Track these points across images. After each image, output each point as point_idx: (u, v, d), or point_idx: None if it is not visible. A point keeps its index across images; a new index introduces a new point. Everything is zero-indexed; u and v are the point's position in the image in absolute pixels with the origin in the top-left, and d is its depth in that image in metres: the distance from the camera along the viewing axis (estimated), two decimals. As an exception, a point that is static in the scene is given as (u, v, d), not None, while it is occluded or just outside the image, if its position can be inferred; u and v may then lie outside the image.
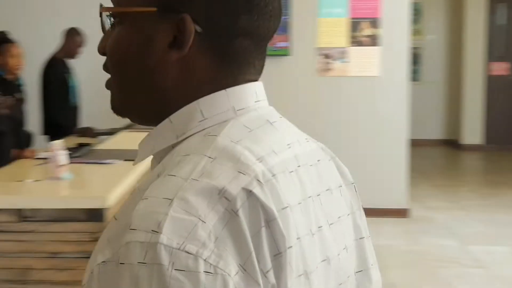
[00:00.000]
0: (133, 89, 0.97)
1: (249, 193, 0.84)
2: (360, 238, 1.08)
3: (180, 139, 0.94)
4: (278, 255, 0.84)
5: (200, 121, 0.93)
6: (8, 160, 4.67)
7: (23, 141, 5.28)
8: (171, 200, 0.81)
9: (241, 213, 0.82)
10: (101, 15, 0.98)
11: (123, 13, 0.95)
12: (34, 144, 5.44)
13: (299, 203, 0.92)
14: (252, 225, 0.83)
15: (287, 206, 0.88)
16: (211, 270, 0.78)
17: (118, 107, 1.00)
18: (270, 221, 0.84)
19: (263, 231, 0.83)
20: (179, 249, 0.78)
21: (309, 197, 0.95)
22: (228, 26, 0.93)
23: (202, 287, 0.77)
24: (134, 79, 0.96)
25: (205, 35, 0.93)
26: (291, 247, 0.86)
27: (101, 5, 1.00)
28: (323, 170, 1.03)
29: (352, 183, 1.10)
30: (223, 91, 0.94)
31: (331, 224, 1.00)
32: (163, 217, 0.80)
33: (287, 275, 0.84)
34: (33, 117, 5.84)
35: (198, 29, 0.92)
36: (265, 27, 0.96)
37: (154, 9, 0.93)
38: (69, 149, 3.99)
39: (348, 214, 1.06)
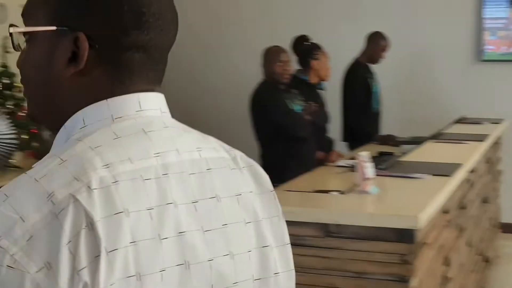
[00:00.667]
0: (38, 99, 1.09)
1: (74, 198, 0.92)
2: (263, 247, 1.10)
3: (67, 143, 1.03)
4: (98, 256, 0.90)
5: (81, 127, 1.03)
6: (311, 166, 4.57)
7: (325, 147, 5.17)
8: (7, 197, 0.93)
9: (61, 217, 0.90)
10: (11, 34, 1.08)
11: (29, 32, 1.07)
12: (335, 150, 5.29)
13: (149, 209, 0.96)
14: (72, 228, 0.90)
15: (122, 212, 0.94)
16: (13, 265, 0.88)
17: (32, 115, 1.12)
18: (91, 225, 0.91)
19: (83, 233, 0.90)
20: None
21: (169, 203, 0.99)
22: (119, 42, 1.02)
23: (1, 278, 0.88)
24: (38, 91, 1.08)
25: (99, 51, 1.03)
26: (116, 249, 0.92)
27: (10, 25, 1.09)
28: (212, 179, 1.06)
29: (271, 191, 1.14)
30: (104, 101, 1.03)
31: (207, 230, 1.03)
32: None
33: (103, 275, 0.90)
34: (334, 122, 5.71)
35: (94, 45, 1.02)
36: (157, 40, 1.05)
37: (54, 28, 1.04)
38: (373, 158, 3.74)
39: (248, 222, 1.09)
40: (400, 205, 3.49)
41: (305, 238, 3.17)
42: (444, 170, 4.03)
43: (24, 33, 1.08)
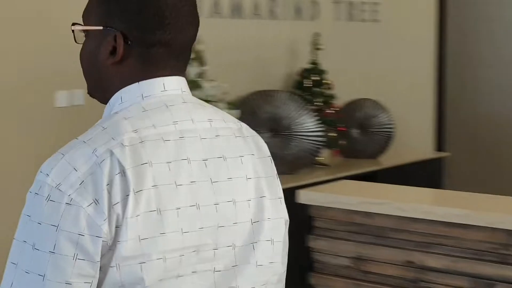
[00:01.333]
0: (91, 81, 1.44)
1: (111, 152, 1.25)
2: (261, 197, 1.41)
3: (109, 115, 1.37)
4: (127, 195, 1.23)
5: (119, 104, 1.37)
6: None
7: None
8: (63, 155, 1.27)
9: (102, 165, 1.24)
10: (73, 31, 1.43)
11: (85, 30, 1.41)
12: None
13: (168, 162, 1.29)
14: (109, 174, 1.24)
15: (147, 163, 1.26)
16: (70, 202, 1.22)
17: (89, 92, 1.47)
18: (123, 172, 1.24)
19: (117, 178, 1.24)
20: (55, 187, 1.24)
21: (184, 159, 1.31)
22: (146, 39, 1.35)
23: (61, 213, 1.22)
24: (90, 74, 1.43)
25: (132, 46, 1.36)
26: (141, 190, 1.25)
27: (72, 24, 1.43)
28: (220, 143, 1.38)
29: (269, 156, 1.47)
30: (136, 84, 1.37)
31: (214, 182, 1.35)
32: (54, 165, 1.27)
33: (131, 208, 1.23)
34: None
35: (127, 42, 1.35)
36: (177, 38, 1.36)
37: (101, 28, 1.38)
38: None
39: (249, 178, 1.40)
40: None
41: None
42: None
43: (83, 31, 1.42)
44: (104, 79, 1.41)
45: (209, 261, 1.35)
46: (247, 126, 1.49)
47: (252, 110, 4.85)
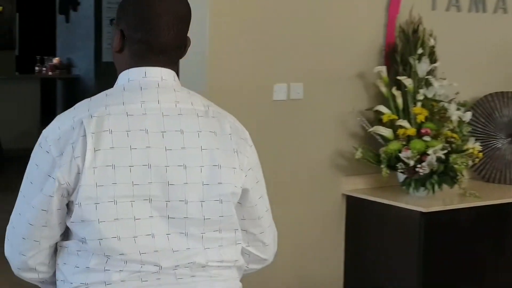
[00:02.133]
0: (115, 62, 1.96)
1: (81, 122, 1.74)
2: (213, 165, 1.79)
3: None
4: (85, 151, 1.70)
5: (116, 84, 1.87)
6: None
7: None
8: (58, 117, 1.82)
9: (73, 129, 1.74)
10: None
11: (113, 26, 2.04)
12: None
13: (127, 131, 1.74)
14: (76, 135, 1.73)
15: (107, 130, 1.73)
16: (48, 150, 1.74)
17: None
18: (85, 135, 1.72)
19: (80, 139, 1.72)
20: (45, 138, 1.77)
21: (142, 130, 1.75)
22: (133, 37, 1.83)
23: (40, 156, 1.76)
24: (114, 59, 1.94)
25: (126, 41, 1.85)
26: (99, 149, 1.72)
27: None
28: (180, 120, 1.78)
29: (229, 134, 1.85)
30: (126, 70, 1.85)
31: (168, 149, 1.76)
32: (51, 123, 1.81)
33: (88, 163, 1.70)
34: None
35: (123, 37, 1.86)
36: (156, 40, 1.83)
37: (114, 25, 1.95)
38: None
39: (204, 149, 1.79)
40: None
41: None
42: None
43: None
44: (115, 63, 1.93)
45: (162, 210, 1.76)
46: (217, 110, 1.89)
47: (488, 112, 4.48)
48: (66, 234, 1.83)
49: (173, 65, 1.87)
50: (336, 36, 4.07)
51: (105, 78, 10.21)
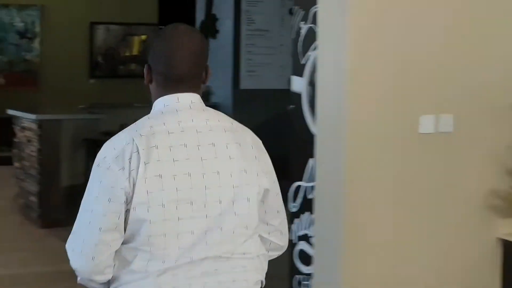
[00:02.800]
0: None
1: (132, 139, 2.10)
2: (241, 170, 2.18)
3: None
4: (139, 165, 2.06)
5: (153, 110, 2.23)
6: None
7: None
8: (111, 140, 2.18)
9: (128, 147, 2.08)
10: None
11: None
12: None
13: (170, 146, 2.10)
14: (131, 152, 2.07)
15: (154, 146, 2.09)
16: (108, 168, 2.08)
17: None
18: (138, 151, 2.07)
19: (134, 155, 2.07)
20: (103, 158, 2.12)
21: (181, 145, 2.12)
22: (155, 70, 2.22)
23: (101, 174, 2.10)
24: (150, 89, 2.30)
25: (152, 73, 2.24)
26: (149, 163, 2.07)
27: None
28: (212, 135, 2.16)
29: (250, 144, 2.24)
30: (161, 98, 2.21)
31: (204, 159, 2.14)
32: (105, 146, 2.16)
33: (141, 174, 2.05)
34: None
35: (151, 71, 2.26)
36: (173, 73, 2.19)
37: (146, 62, 2.31)
38: None
39: (232, 158, 2.17)
40: None
41: None
42: None
43: None
44: (151, 93, 2.28)
45: (202, 211, 2.13)
46: (240, 125, 2.28)
47: None
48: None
49: (195, 90, 2.23)
50: (493, 62, 3.71)
51: (243, 105, 10.11)
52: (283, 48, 9.74)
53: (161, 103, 2.20)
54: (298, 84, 4.07)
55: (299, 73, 4.08)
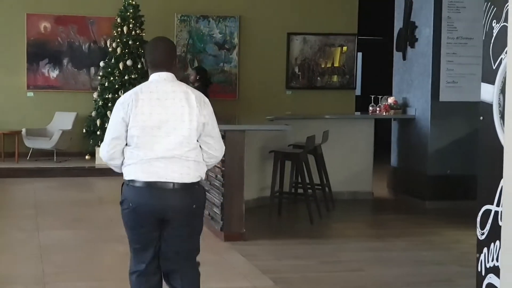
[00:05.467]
0: None
1: (131, 94, 4.14)
2: (189, 113, 4.09)
3: None
4: (131, 106, 4.08)
5: (148, 80, 4.28)
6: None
7: None
8: (124, 94, 4.37)
9: (129, 97, 4.12)
10: None
11: None
12: None
13: (149, 99, 4.07)
14: (129, 99, 4.11)
15: (141, 99, 4.09)
16: (119, 107, 4.13)
17: None
18: (133, 100, 4.09)
19: (131, 103, 4.08)
20: (119, 103, 4.19)
21: (156, 98, 4.08)
22: (148, 60, 4.28)
23: (115, 111, 4.18)
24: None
25: (147, 63, 4.32)
26: (137, 106, 4.06)
27: None
28: (172, 94, 4.09)
29: (193, 100, 4.12)
30: (152, 74, 4.23)
31: (167, 106, 4.08)
32: (120, 97, 4.27)
33: (133, 110, 4.07)
34: None
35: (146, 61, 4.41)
36: (154, 60, 4.24)
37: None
38: None
39: (182, 106, 4.08)
40: None
41: None
42: None
43: None
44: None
45: (164, 131, 4.04)
46: (192, 89, 4.16)
47: None
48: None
49: (169, 71, 4.21)
50: None
51: (441, 119, 9.45)
52: (487, 57, 8.99)
53: (151, 77, 4.24)
54: (488, 93, 3.50)
55: (490, 80, 3.51)
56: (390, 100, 10.18)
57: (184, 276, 4.13)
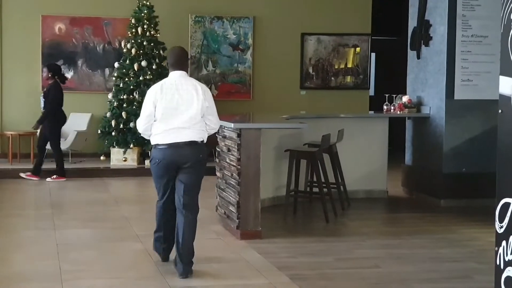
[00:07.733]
0: None
1: (159, 85, 6.16)
2: (197, 101, 6.07)
3: None
4: (157, 96, 6.07)
5: (169, 76, 6.32)
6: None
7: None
8: (155, 85, 6.35)
9: (157, 87, 6.13)
10: None
11: None
12: None
13: (170, 89, 6.07)
14: (157, 89, 6.12)
15: (164, 89, 6.08)
16: (150, 95, 6.13)
17: None
18: (158, 90, 6.09)
19: (158, 92, 6.07)
20: (149, 92, 6.24)
21: (174, 89, 6.06)
22: (169, 63, 6.29)
23: (147, 98, 6.15)
24: None
25: (168, 65, 6.35)
26: (161, 95, 6.05)
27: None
28: (185, 86, 6.09)
29: (202, 90, 6.14)
30: (171, 72, 6.23)
31: (182, 94, 6.05)
32: (151, 87, 6.33)
33: (158, 98, 6.05)
34: None
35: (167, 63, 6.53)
36: (173, 62, 6.23)
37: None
38: None
39: (194, 96, 6.05)
40: None
41: None
42: None
43: None
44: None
45: (179, 112, 6.03)
46: (200, 84, 6.19)
47: None
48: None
49: (183, 70, 6.16)
50: None
51: (456, 117, 9.44)
52: (503, 55, 8.97)
53: (170, 74, 6.13)
54: (507, 86, 3.51)
55: (509, 73, 3.51)
56: (405, 99, 10.17)
57: (187, 210, 6.04)
